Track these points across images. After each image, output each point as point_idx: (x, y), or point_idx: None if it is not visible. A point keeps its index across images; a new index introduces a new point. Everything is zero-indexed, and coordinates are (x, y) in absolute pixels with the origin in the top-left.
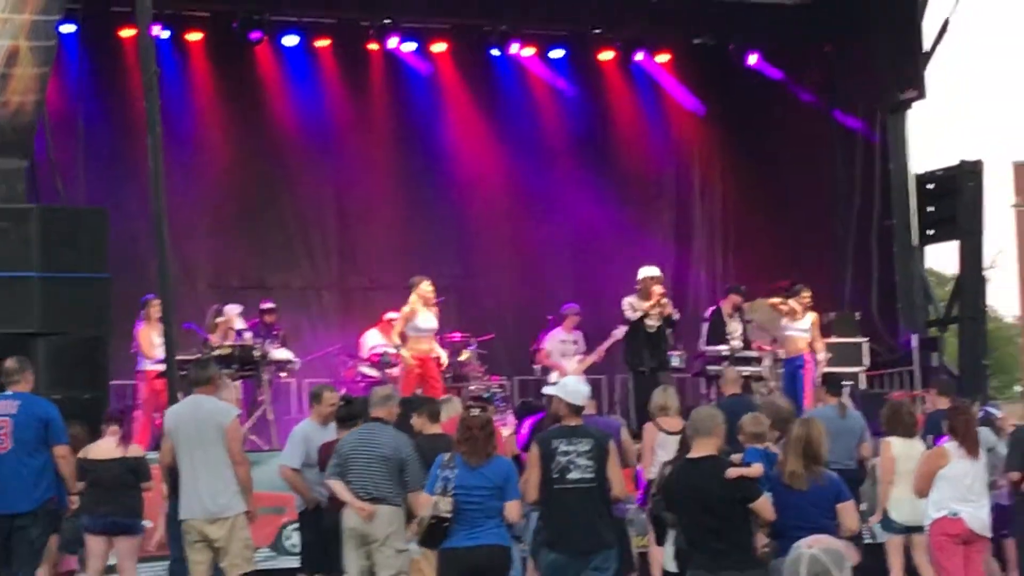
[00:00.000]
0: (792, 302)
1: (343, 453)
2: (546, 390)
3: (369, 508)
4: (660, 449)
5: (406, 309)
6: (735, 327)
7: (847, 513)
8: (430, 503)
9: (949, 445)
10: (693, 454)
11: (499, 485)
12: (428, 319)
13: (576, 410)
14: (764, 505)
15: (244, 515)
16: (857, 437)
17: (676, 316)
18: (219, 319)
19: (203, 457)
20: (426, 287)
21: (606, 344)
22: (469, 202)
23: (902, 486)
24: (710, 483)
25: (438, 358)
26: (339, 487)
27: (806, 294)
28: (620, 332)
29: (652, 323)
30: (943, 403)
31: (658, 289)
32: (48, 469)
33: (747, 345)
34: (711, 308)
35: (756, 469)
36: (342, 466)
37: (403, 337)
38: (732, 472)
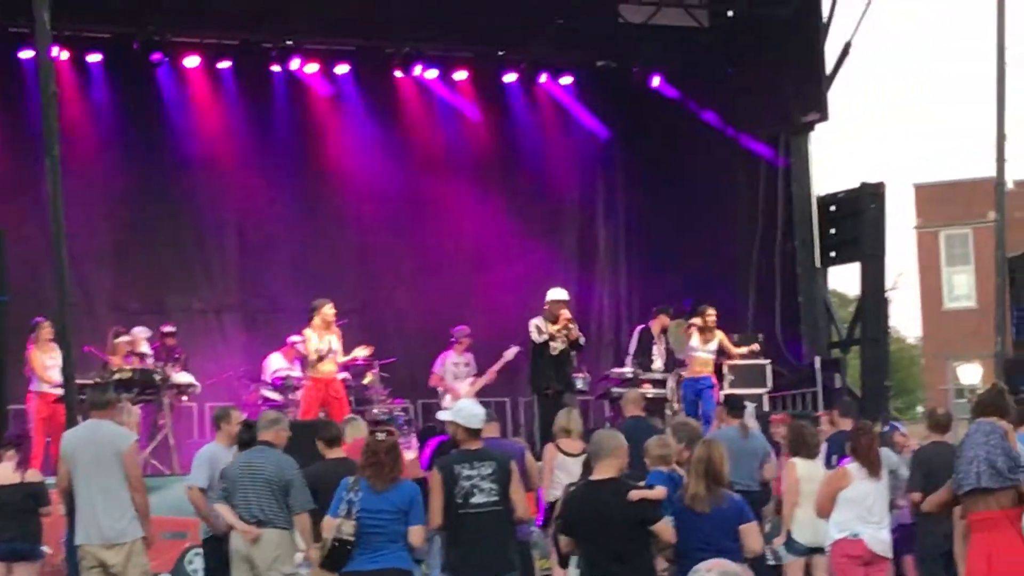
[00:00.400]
0: (699, 320)
1: (229, 477)
2: (441, 415)
3: (254, 531)
4: (559, 471)
5: (309, 332)
6: (661, 348)
7: (750, 535)
8: (333, 526)
9: (851, 466)
10: (595, 476)
11: (404, 509)
12: (331, 341)
13: (474, 433)
14: (665, 528)
15: (141, 541)
16: (759, 458)
17: (582, 341)
18: (124, 339)
19: (100, 482)
20: (328, 310)
21: (497, 365)
22: (372, 224)
23: (805, 507)
24: (611, 505)
25: (344, 380)
26: (225, 510)
27: (711, 312)
28: (511, 353)
29: (557, 345)
30: (846, 424)
31: (565, 313)
32: None
33: (669, 366)
34: (639, 327)
35: (659, 492)
36: (228, 489)
37: (303, 361)
38: (634, 494)
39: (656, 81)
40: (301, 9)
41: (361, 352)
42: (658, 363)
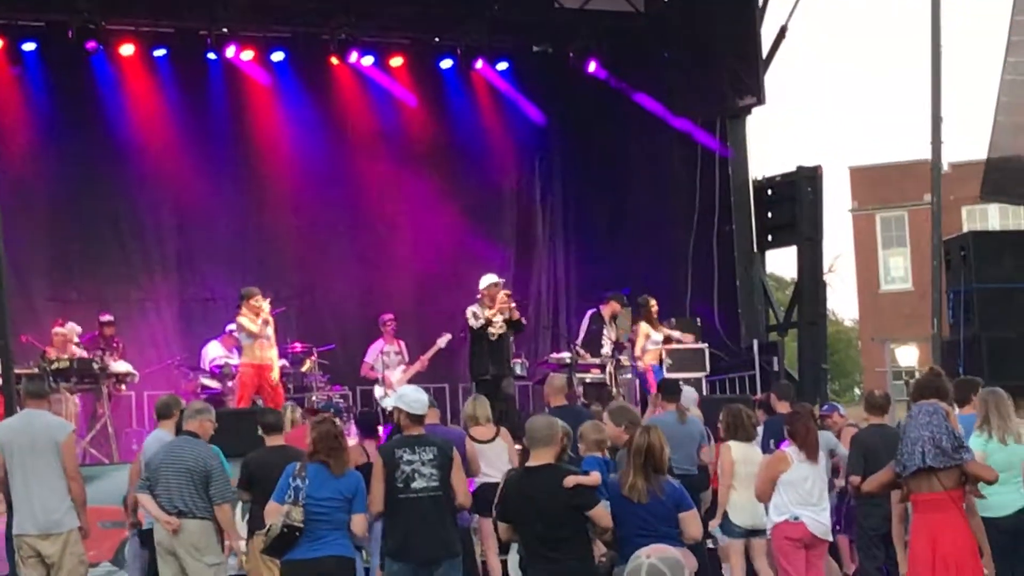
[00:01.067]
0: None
1: (152, 467)
2: (386, 403)
3: (175, 522)
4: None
5: (243, 320)
6: (611, 333)
7: (689, 522)
8: (280, 512)
9: (789, 449)
10: (531, 463)
11: (348, 497)
12: (263, 328)
13: (417, 419)
14: (601, 513)
15: (77, 531)
16: (697, 442)
17: (524, 321)
18: (61, 329)
19: (37, 472)
20: (255, 300)
21: (429, 353)
22: (309, 212)
23: (742, 490)
24: (547, 491)
25: (282, 367)
26: (146, 500)
27: (654, 301)
28: (444, 340)
29: (495, 331)
30: (783, 407)
31: (503, 294)
32: None
33: (616, 352)
34: (591, 311)
35: (594, 477)
36: (151, 479)
37: (241, 349)
38: (570, 480)
39: (592, 66)
40: None
41: (307, 367)
42: (606, 348)
